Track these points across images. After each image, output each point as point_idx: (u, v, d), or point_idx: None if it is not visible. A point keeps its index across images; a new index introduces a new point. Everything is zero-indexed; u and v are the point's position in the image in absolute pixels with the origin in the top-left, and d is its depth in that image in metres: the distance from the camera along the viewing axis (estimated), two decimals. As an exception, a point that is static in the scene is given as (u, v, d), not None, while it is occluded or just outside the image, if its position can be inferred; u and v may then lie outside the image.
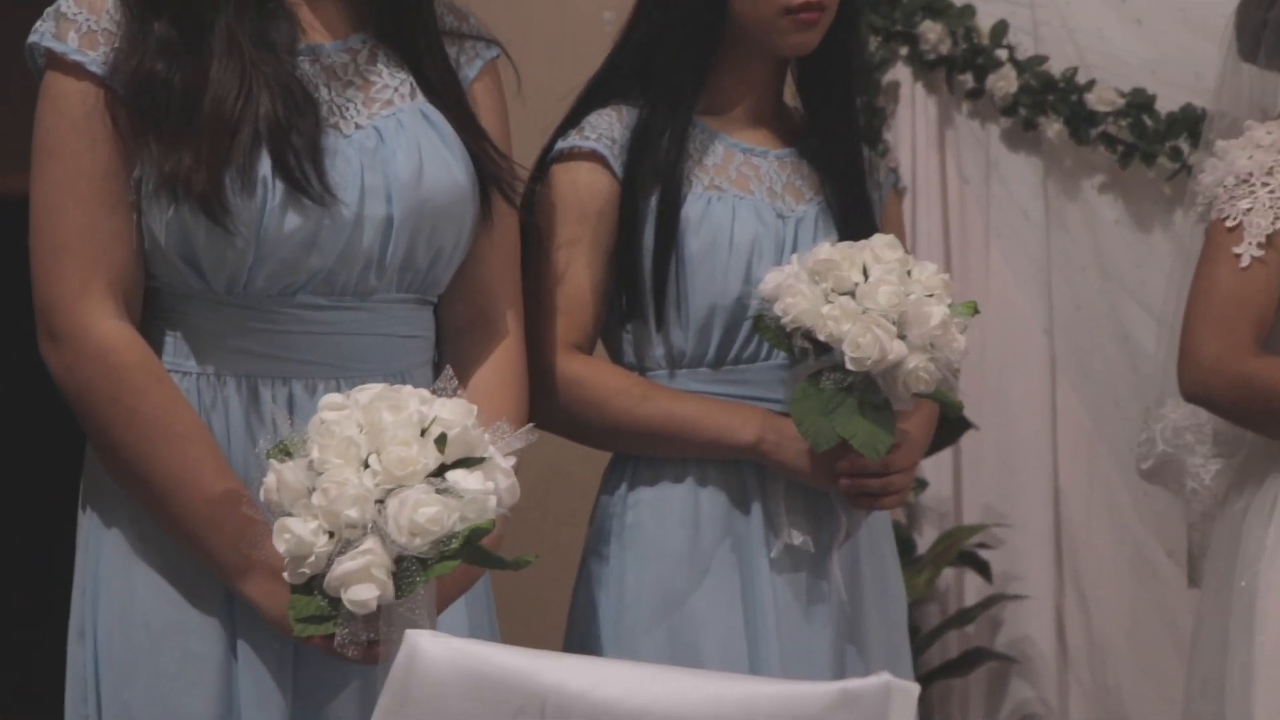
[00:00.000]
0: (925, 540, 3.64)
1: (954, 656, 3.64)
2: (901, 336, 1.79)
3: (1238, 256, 2.23)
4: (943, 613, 3.68)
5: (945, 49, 3.69)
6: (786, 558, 1.92)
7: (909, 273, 1.83)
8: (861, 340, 1.76)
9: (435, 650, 1.22)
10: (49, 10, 1.66)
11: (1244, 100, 2.49)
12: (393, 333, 1.72)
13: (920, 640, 3.46)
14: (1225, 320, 2.21)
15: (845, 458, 1.85)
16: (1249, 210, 2.24)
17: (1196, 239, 2.35)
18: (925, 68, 3.73)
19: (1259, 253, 2.23)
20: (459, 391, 1.50)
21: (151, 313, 1.69)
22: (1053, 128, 3.71)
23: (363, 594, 1.38)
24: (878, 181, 2.15)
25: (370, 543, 1.38)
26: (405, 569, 1.39)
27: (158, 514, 1.63)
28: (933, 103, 3.77)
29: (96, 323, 1.61)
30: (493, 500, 1.42)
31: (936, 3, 3.68)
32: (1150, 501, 3.59)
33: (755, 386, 1.96)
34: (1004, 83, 3.68)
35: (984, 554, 3.58)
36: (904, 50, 3.72)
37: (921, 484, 3.65)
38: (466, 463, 1.43)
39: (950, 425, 3.30)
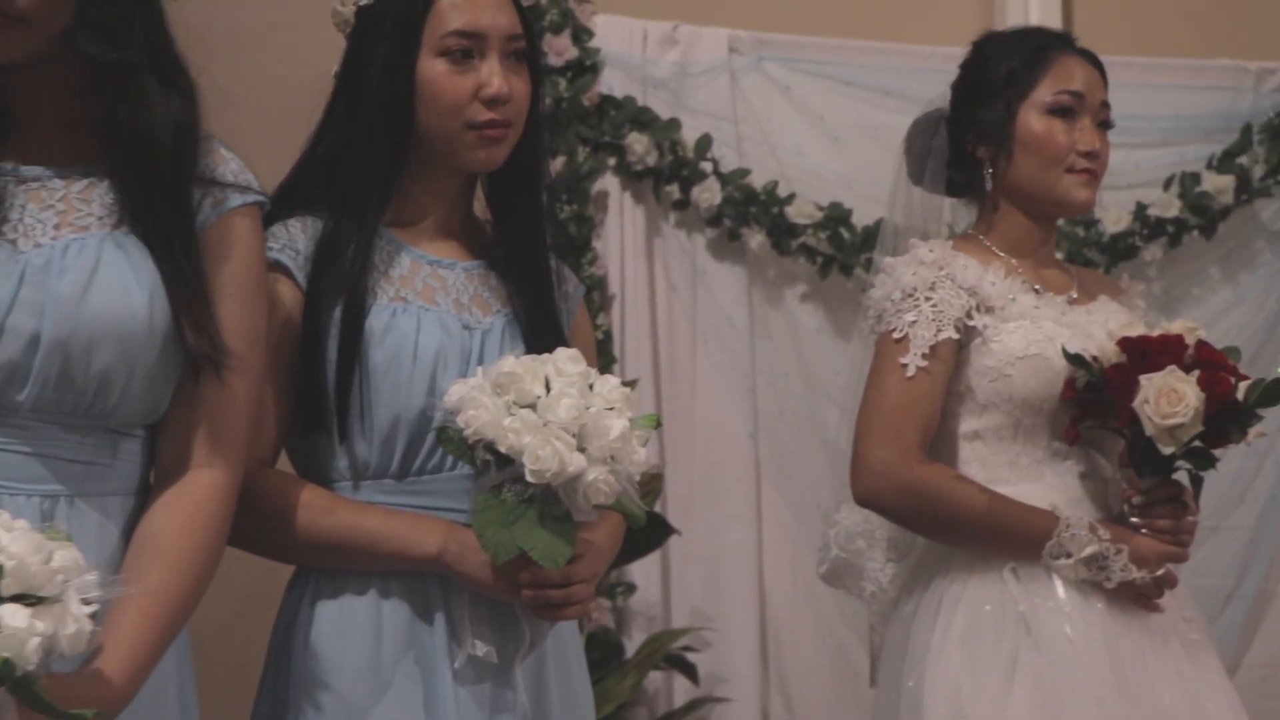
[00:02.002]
0: (634, 644, 3.66)
1: (662, 760, 3.66)
2: (582, 449, 1.80)
3: (904, 366, 2.33)
4: (651, 716, 3.71)
5: (652, 160, 3.78)
6: (470, 668, 1.91)
7: (591, 386, 1.85)
8: (541, 453, 1.77)
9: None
10: None
11: (916, 216, 2.61)
12: (46, 454, 1.68)
13: (627, 745, 3.47)
14: (893, 427, 2.31)
15: (527, 569, 1.85)
16: (914, 323, 2.35)
17: (868, 351, 2.45)
18: (633, 178, 3.81)
19: (923, 363, 2.33)
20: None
21: None
22: (755, 238, 3.83)
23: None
24: (567, 293, 2.17)
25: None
26: None
27: None
28: (641, 212, 3.85)
29: None
30: (34, 642, 1.38)
31: (643, 115, 3.77)
32: (852, 602, 3.68)
33: (440, 497, 1.95)
34: (708, 194, 3.79)
35: (692, 656, 3.62)
36: (612, 161, 3.80)
37: (630, 588, 3.69)
38: (27, 599, 1.39)
39: (653, 530, 3.34)
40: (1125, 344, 2.27)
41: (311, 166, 2.04)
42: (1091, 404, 2.31)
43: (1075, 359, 2.30)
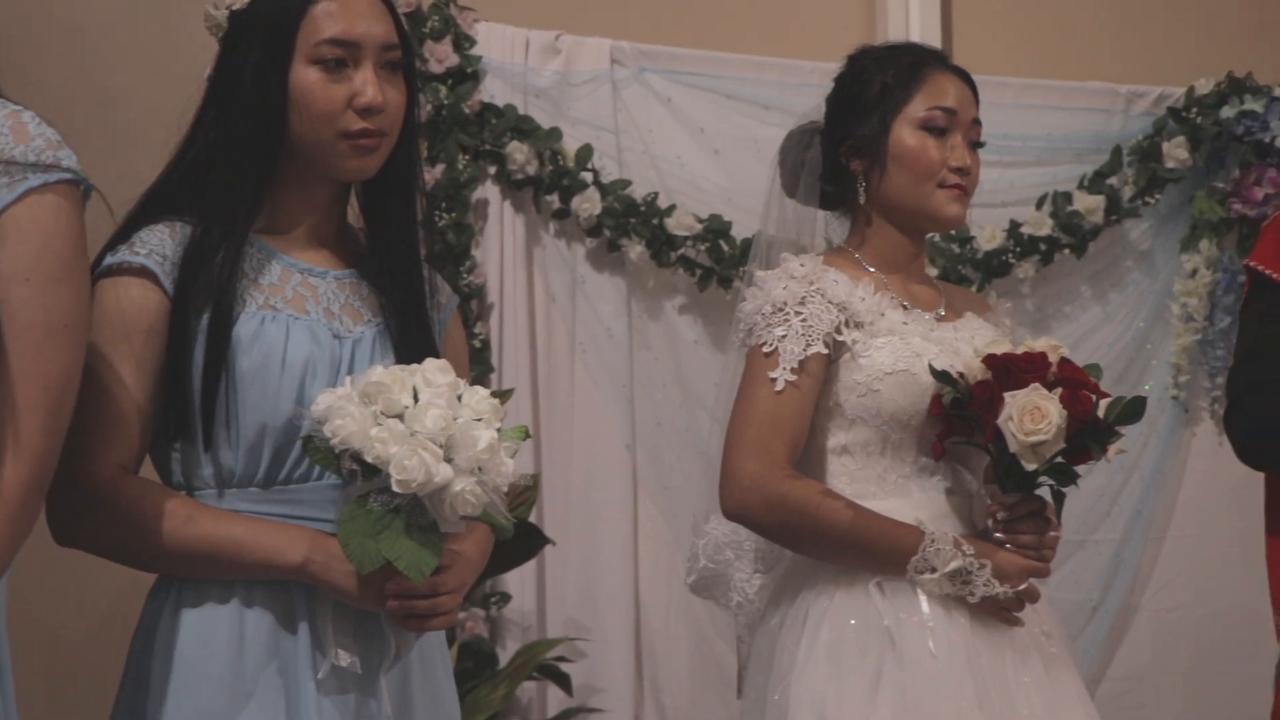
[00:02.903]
0: (508, 654, 3.66)
1: (534, 770, 3.66)
2: (449, 460, 1.80)
3: (773, 381, 2.35)
4: (524, 726, 3.70)
5: (532, 169, 3.78)
6: (334, 679, 1.90)
7: (459, 397, 1.85)
8: (408, 463, 1.76)
9: None
10: None
11: (790, 229, 2.63)
12: None
13: (499, 755, 3.47)
14: (762, 442, 2.32)
15: (393, 579, 1.85)
16: (783, 337, 2.37)
17: (739, 364, 2.46)
18: (513, 187, 3.81)
19: (792, 377, 2.35)
20: None
21: None
22: (635, 249, 3.83)
23: None
24: (440, 303, 2.17)
25: None
26: None
27: None
28: (520, 221, 3.85)
29: None
30: None
31: (524, 124, 3.77)
32: (726, 613, 3.71)
33: (307, 507, 1.93)
34: (588, 204, 3.79)
35: (566, 667, 3.62)
36: (492, 169, 3.79)
37: (505, 598, 3.68)
38: None
39: (527, 540, 3.34)
40: (990, 361, 2.30)
41: (181, 171, 2.02)
42: (957, 420, 2.34)
43: (942, 376, 2.33)
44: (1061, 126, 4.18)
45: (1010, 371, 2.27)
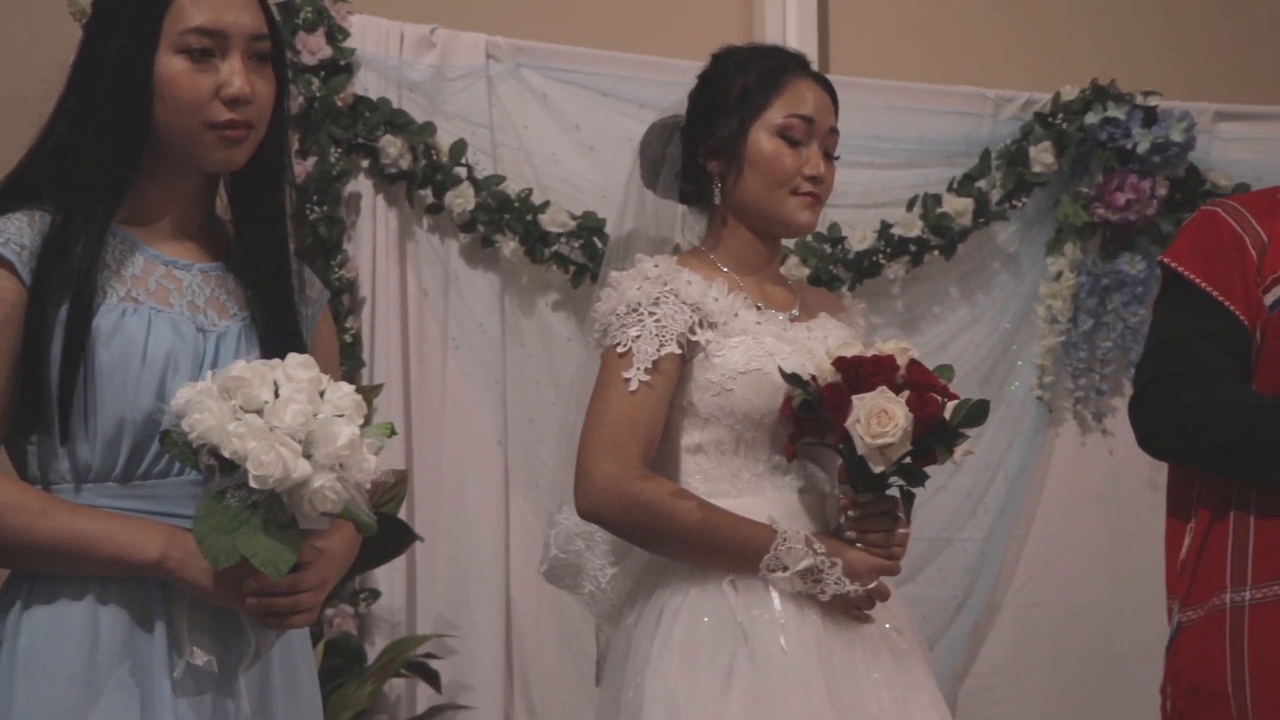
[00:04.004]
0: (377, 650, 3.63)
1: (400, 766, 3.64)
2: (308, 456, 1.79)
3: (627, 381, 2.36)
4: (391, 723, 3.68)
5: (406, 164, 3.75)
6: (190, 678, 1.87)
7: (322, 393, 1.84)
8: (265, 458, 1.75)
9: None
10: None
11: (649, 222, 2.65)
12: None
13: (364, 752, 3.45)
14: (616, 442, 2.33)
15: (252, 576, 1.83)
16: (637, 338, 2.38)
17: (594, 363, 2.47)
18: (386, 181, 3.78)
19: (646, 377, 2.36)
20: None
21: None
22: (509, 245, 3.83)
23: None
24: (310, 298, 2.15)
25: None
26: None
27: None
28: (394, 215, 3.82)
29: None
30: None
31: (398, 118, 3.75)
32: (596, 608, 3.71)
33: (166, 502, 1.91)
34: (462, 200, 3.78)
35: (435, 664, 3.61)
36: (365, 163, 3.76)
37: (374, 594, 3.66)
38: None
39: (396, 536, 3.33)
40: (840, 364, 2.33)
41: (41, 159, 1.98)
42: (809, 421, 2.36)
43: (792, 378, 2.36)
44: (932, 129, 4.23)
45: (859, 374, 2.30)
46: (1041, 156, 4.17)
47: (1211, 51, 4.56)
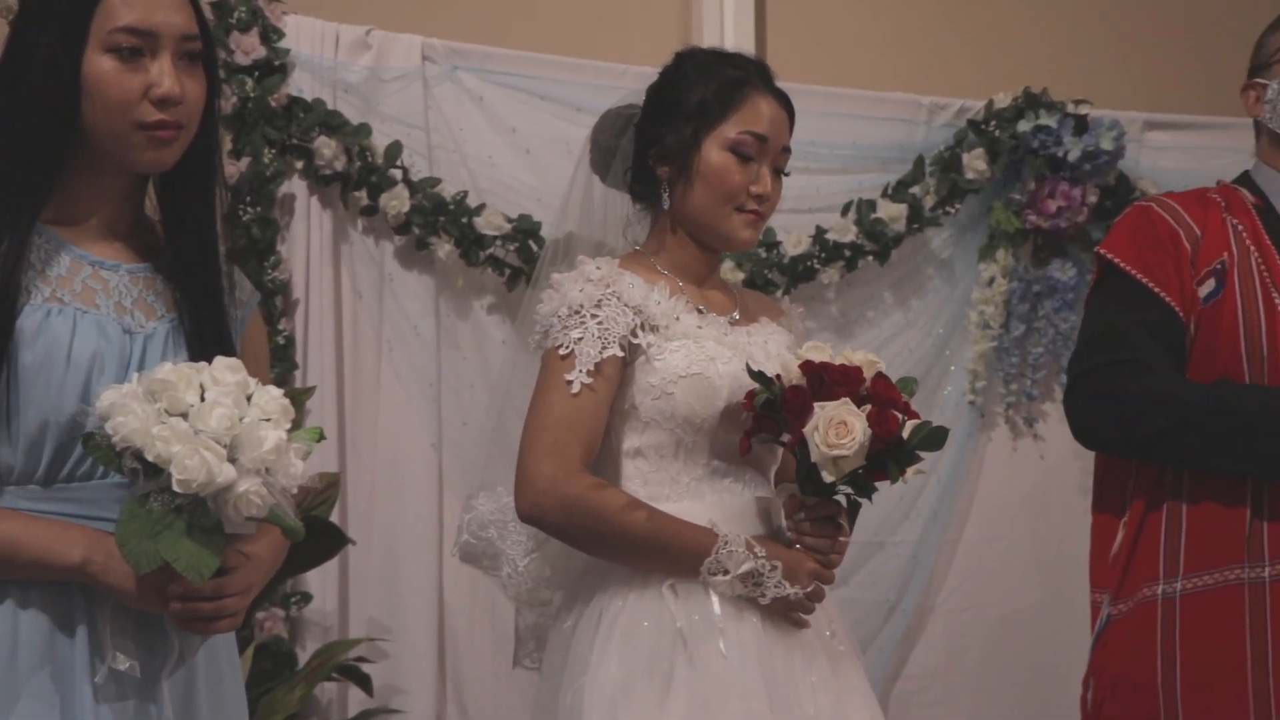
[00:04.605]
0: (308, 654, 3.61)
1: (329, 771, 3.62)
2: (233, 460, 1.77)
3: (569, 383, 2.35)
4: (322, 728, 3.66)
5: (340, 165, 3.74)
6: (112, 684, 1.85)
7: (249, 397, 1.83)
8: (189, 462, 1.73)
9: None
10: None
11: (595, 212, 2.64)
12: None
13: (293, 758, 3.43)
14: (557, 444, 2.32)
15: (176, 580, 1.81)
16: (580, 340, 2.38)
17: (529, 363, 2.47)
18: (321, 182, 3.76)
19: (588, 380, 2.36)
20: None
21: None
22: (444, 248, 3.82)
23: None
24: (240, 300, 2.13)
25: None
26: None
27: None
28: (328, 217, 3.81)
29: None
30: None
31: (333, 119, 3.73)
32: (529, 611, 3.70)
33: (90, 505, 1.89)
34: (397, 202, 3.76)
35: (367, 667, 3.59)
36: (300, 164, 3.74)
37: (306, 597, 3.64)
38: None
39: (327, 540, 3.31)
40: (807, 368, 2.33)
41: None
42: (768, 419, 2.37)
43: (759, 376, 2.36)
44: (867, 135, 4.25)
45: (824, 381, 2.30)
46: (975, 163, 4.20)
47: (1141, 61, 4.61)
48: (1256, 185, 2.75)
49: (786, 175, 2.56)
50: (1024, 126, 4.21)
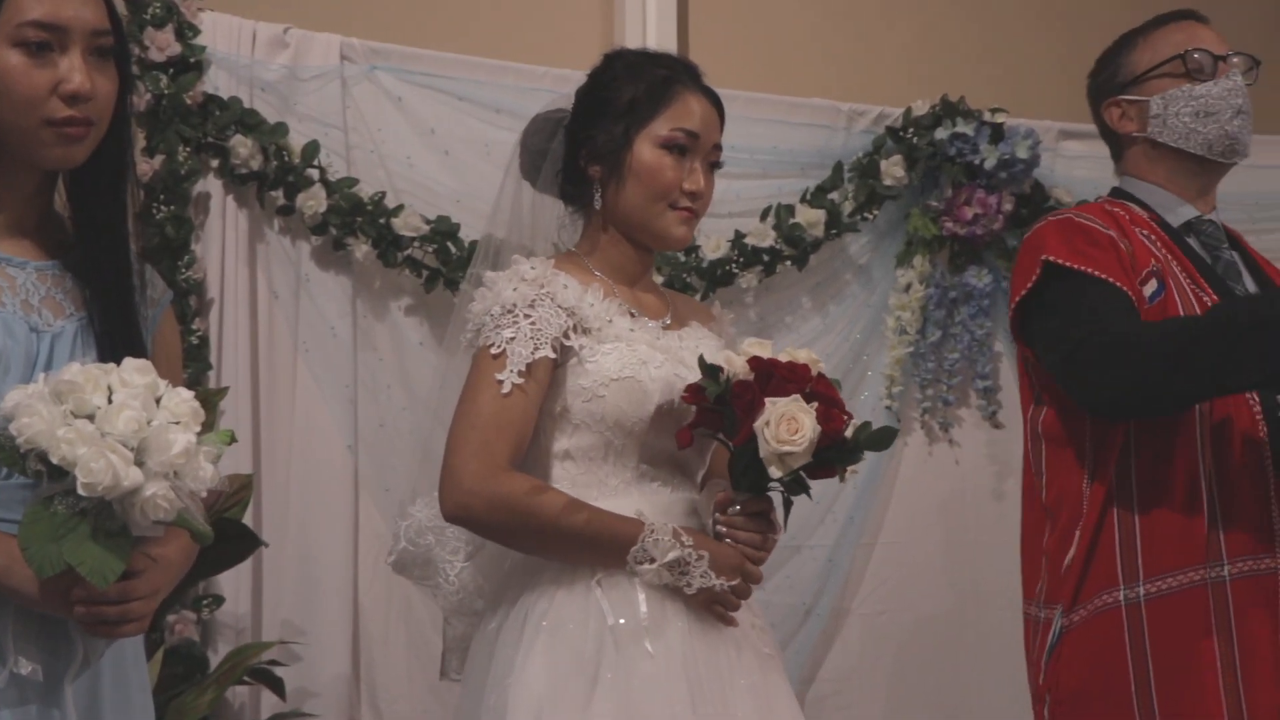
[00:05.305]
0: (220, 658, 3.57)
1: (245, 777, 3.59)
2: (140, 463, 1.75)
3: (500, 383, 2.35)
4: (234, 731, 3.63)
5: (257, 164, 3.70)
6: (14, 688, 1.83)
7: (158, 399, 1.81)
8: (94, 465, 1.72)
9: None
10: None
11: (524, 217, 2.63)
12: None
13: (205, 762, 3.39)
14: (486, 443, 2.31)
15: (80, 584, 1.79)
16: (512, 340, 2.37)
17: (465, 364, 2.46)
18: (237, 181, 3.72)
19: (519, 380, 2.35)
20: None
21: None
22: (361, 249, 3.79)
23: None
24: (152, 299, 2.11)
25: None
26: None
27: None
28: (244, 216, 3.77)
29: None
30: None
31: (249, 118, 3.69)
32: (446, 615, 3.69)
33: (-7, 507, 1.87)
34: (314, 202, 3.73)
35: (280, 670, 3.56)
36: (215, 163, 3.70)
37: (218, 600, 3.60)
38: None
39: (240, 542, 3.28)
40: (756, 364, 2.33)
41: None
42: (711, 414, 2.37)
43: (709, 369, 2.36)
44: (786, 140, 4.26)
45: (773, 377, 2.31)
46: (892, 170, 4.22)
47: (1057, 72, 4.66)
48: (1138, 199, 2.80)
49: (720, 168, 2.57)
50: (941, 134, 4.24)
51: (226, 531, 3.16)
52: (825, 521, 4.25)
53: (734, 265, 4.14)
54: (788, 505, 2.39)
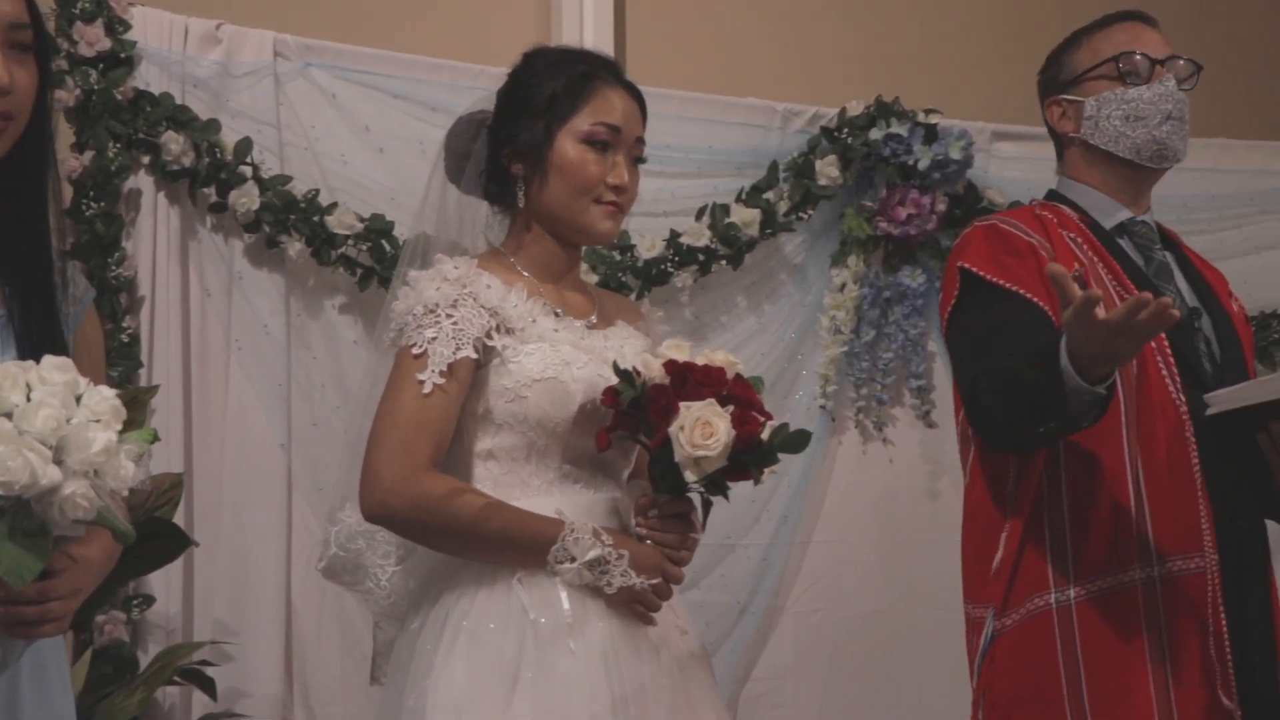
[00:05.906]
0: (150, 658, 3.54)
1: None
2: (59, 462, 1.74)
3: (421, 383, 2.34)
4: (164, 732, 3.60)
5: (189, 161, 3.68)
6: (-70, 690, 1.82)
7: (78, 397, 1.79)
8: (11, 464, 1.69)
9: None
10: None
11: (450, 223, 2.63)
12: None
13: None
14: (407, 443, 2.31)
15: (-1, 584, 1.78)
16: (434, 339, 2.37)
17: (386, 362, 2.45)
18: (168, 178, 3.70)
19: (440, 380, 2.35)
20: None
21: None
22: (295, 246, 3.77)
23: None
24: (75, 296, 2.09)
25: None
26: None
27: None
28: (175, 213, 3.74)
29: None
30: None
31: (181, 114, 3.67)
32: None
33: (-90, 507, 1.84)
34: (247, 199, 3.71)
35: (212, 671, 3.53)
36: (146, 159, 3.68)
37: (148, 600, 3.58)
38: None
39: (170, 541, 3.25)
40: (671, 367, 2.33)
41: None
42: (628, 417, 2.37)
43: (624, 374, 2.36)
44: (722, 140, 4.27)
45: (688, 381, 2.31)
46: (827, 170, 4.24)
47: (990, 74, 4.69)
48: (1071, 200, 2.81)
49: (643, 163, 2.57)
50: (876, 134, 4.26)
51: (157, 531, 3.14)
52: (760, 520, 4.26)
53: (669, 264, 4.14)
54: (707, 506, 2.39)
